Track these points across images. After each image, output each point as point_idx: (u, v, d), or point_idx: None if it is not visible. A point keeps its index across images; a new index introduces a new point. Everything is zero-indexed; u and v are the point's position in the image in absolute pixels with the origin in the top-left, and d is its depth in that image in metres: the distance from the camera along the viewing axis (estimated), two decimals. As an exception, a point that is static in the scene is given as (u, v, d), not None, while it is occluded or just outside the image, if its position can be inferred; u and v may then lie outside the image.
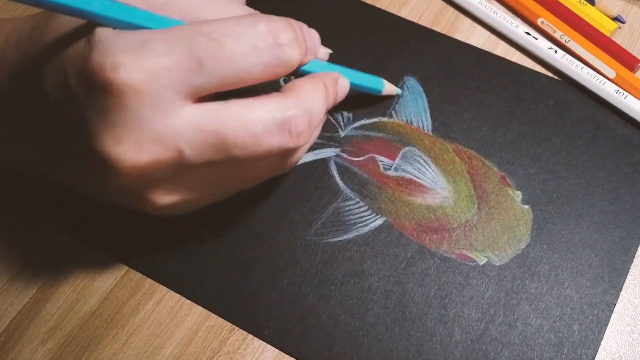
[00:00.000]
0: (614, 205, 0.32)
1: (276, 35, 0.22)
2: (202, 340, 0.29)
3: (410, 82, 0.36)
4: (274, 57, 0.22)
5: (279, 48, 0.22)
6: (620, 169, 0.32)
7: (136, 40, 0.21)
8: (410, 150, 0.34)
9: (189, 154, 0.22)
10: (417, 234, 0.31)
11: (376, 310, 0.30)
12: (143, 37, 0.21)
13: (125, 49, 0.20)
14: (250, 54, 0.21)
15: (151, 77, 0.20)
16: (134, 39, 0.21)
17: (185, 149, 0.21)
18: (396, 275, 0.30)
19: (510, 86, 0.35)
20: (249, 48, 0.21)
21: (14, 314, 0.30)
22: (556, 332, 0.29)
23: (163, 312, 0.30)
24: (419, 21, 0.38)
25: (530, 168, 0.33)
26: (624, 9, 0.38)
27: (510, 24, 0.37)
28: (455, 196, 0.32)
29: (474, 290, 0.30)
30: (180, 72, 0.21)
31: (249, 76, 0.22)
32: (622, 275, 0.30)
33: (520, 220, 0.31)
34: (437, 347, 0.29)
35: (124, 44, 0.20)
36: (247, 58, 0.21)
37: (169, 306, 0.30)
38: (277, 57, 0.22)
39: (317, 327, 0.29)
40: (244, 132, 0.22)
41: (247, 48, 0.21)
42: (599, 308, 0.29)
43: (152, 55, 0.20)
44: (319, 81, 0.25)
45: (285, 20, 0.23)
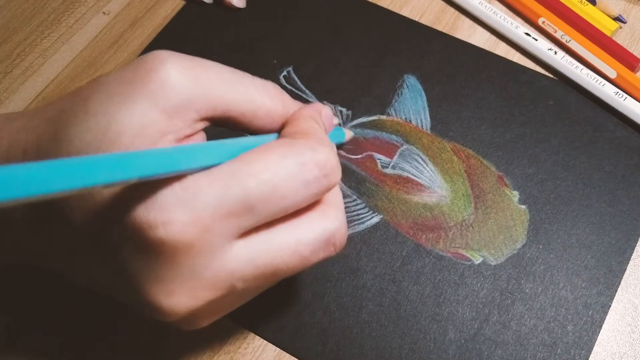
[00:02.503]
0: (611, 207, 0.31)
1: (322, 166, 0.22)
2: (202, 340, 0.29)
3: (409, 81, 0.36)
4: (322, 187, 0.22)
5: (326, 179, 0.22)
6: (617, 170, 0.32)
7: (185, 193, 0.20)
8: (408, 149, 0.34)
9: (241, 287, 0.21)
10: (413, 232, 0.31)
11: (371, 307, 0.30)
12: (192, 189, 0.20)
13: (175, 205, 0.19)
14: (301, 190, 0.21)
15: (204, 231, 0.20)
16: (182, 192, 0.20)
17: (238, 284, 0.21)
18: (391, 273, 0.30)
19: (510, 86, 0.35)
20: (300, 185, 0.21)
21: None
22: (550, 333, 0.29)
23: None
24: (420, 21, 0.38)
25: (528, 168, 0.33)
26: (625, 9, 0.38)
27: (510, 25, 0.37)
28: (452, 195, 0.32)
29: (469, 290, 0.30)
30: (232, 219, 0.20)
31: (298, 207, 0.22)
32: (617, 276, 0.30)
33: (516, 220, 0.31)
34: (431, 346, 0.29)
35: (172, 198, 0.19)
36: (298, 194, 0.21)
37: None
38: (323, 187, 0.22)
39: (312, 324, 0.29)
40: (295, 258, 0.22)
41: (299, 185, 0.21)
42: (593, 309, 0.29)
43: (203, 209, 0.20)
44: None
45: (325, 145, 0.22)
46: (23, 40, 0.39)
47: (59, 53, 0.38)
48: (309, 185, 0.21)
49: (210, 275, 0.21)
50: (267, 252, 0.21)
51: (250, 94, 0.23)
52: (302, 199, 0.21)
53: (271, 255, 0.21)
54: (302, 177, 0.21)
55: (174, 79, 0.21)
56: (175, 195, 0.20)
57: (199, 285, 0.21)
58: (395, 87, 0.36)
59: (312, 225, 0.22)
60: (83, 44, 0.39)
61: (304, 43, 0.38)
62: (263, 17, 0.39)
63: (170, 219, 0.19)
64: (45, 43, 0.39)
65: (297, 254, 0.22)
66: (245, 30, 0.39)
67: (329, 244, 0.23)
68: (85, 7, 0.40)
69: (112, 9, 0.40)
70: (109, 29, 0.39)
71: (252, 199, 0.20)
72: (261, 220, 0.21)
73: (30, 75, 0.37)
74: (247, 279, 0.21)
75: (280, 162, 0.21)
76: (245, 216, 0.20)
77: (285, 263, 0.22)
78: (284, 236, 0.22)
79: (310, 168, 0.21)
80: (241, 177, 0.20)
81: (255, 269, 0.21)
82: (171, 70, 0.21)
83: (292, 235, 0.22)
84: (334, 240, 0.23)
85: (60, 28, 0.39)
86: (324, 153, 0.22)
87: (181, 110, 0.21)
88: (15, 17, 0.40)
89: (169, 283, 0.20)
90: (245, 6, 0.39)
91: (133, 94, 0.21)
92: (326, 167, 0.22)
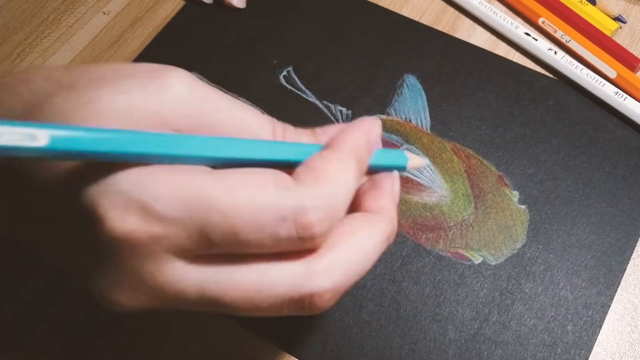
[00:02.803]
0: (611, 207, 0.31)
1: (304, 225, 0.19)
2: (202, 340, 0.29)
3: (409, 80, 0.36)
4: (294, 244, 0.19)
5: (302, 236, 0.19)
6: (617, 170, 0.32)
7: (146, 196, 0.18)
8: (408, 149, 0.34)
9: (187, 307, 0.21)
10: (413, 232, 0.31)
11: (371, 307, 0.30)
12: (153, 193, 0.19)
13: (133, 205, 0.18)
14: (268, 241, 0.19)
15: (155, 240, 0.19)
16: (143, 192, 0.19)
17: (183, 305, 0.20)
18: (391, 273, 0.30)
19: (510, 86, 0.35)
20: (268, 238, 0.19)
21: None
22: (550, 333, 0.29)
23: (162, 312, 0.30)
24: (420, 21, 0.38)
25: (528, 168, 0.33)
26: (625, 9, 0.38)
27: (510, 25, 0.37)
28: (452, 195, 0.32)
29: (469, 289, 0.30)
30: (187, 243, 0.19)
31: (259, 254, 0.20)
32: (617, 276, 0.30)
33: (516, 220, 0.31)
34: (431, 346, 0.29)
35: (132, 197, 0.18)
36: (263, 245, 0.19)
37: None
38: (297, 244, 0.19)
39: (311, 324, 0.29)
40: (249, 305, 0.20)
41: (266, 238, 0.19)
42: (593, 309, 0.29)
43: (158, 221, 0.19)
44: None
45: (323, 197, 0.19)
46: (23, 40, 0.39)
47: (59, 53, 0.38)
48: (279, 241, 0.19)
49: (152, 286, 0.20)
50: (219, 285, 0.20)
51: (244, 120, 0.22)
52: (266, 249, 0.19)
53: (222, 290, 0.20)
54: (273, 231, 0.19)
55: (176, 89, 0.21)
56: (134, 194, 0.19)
57: (139, 290, 0.20)
58: (395, 87, 0.36)
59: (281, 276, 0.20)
60: (83, 44, 0.39)
61: (304, 43, 0.38)
62: (263, 17, 0.39)
63: (124, 216, 0.18)
64: (45, 43, 0.39)
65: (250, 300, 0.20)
66: (245, 30, 0.39)
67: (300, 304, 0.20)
68: (85, 7, 0.40)
69: (112, 9, 0.40)
70: (109, 29, 0.39)
71: (212, 235, 0.19)
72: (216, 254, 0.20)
73: (30, 75, 0.37)
74: (192, 302, 0.20)
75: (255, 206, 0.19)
76: (201, 246, 0.19)
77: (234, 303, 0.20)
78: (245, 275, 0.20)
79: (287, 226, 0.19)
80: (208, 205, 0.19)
81: (201, 298, 0.20)
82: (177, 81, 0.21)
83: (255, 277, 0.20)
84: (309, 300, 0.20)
85: (60, 28, 0.39)
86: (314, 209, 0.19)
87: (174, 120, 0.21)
88: (15, 17, 0.40)
89: (112, 277, 0.20)
90: (245, 6, 0.39)
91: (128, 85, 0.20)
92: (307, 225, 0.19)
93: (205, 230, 0.19)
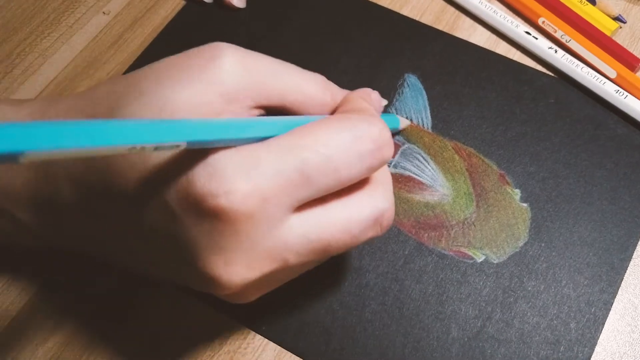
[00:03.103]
0: (613, 205, 0.31)
1: (375, 139, 0.22)
2: (203, 339, 0.29)
3: (410, 80, 0.36)
4: (376, 160, 0.22)
5: (379, 151, 0.22)
6: (619, 168, 0.32)
7: (244, 163, 0.20)
8: (409, 148, 0.34)
9: (294, 261, 0.22)
10: (415, 231, 0.31)
11: (373, 306, 0.30)
12: (250, 158, 0.20)
13: (235, 174, 0.20)
14: (356, 163, 0.22)
15: (264, 200, 0.20)
16: (241, 161, 0.20)
17: (291, 258, 0.22)
18: (394, 272, 0.30)
19: (511, 85, 0.35)
20: (355, 158, 0.21)
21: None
22: (553, 330, 0.29)
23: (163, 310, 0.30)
24: (420, 20, 0.38)
25: (530, 166, 0.33)
26: (625, 9, 0.38)
27: (510, 24, 0.37)
28: (454, 194, 0.32)
29: (472, 288, 0.30)
30: (290, 189, 0.20)
31: (353, 180, 0.22)
32: (619, 274, 0.30)
33: (518, 218, 0.31)
34: (434, 344, 0.29)
35: (232, 167, 0.20)
36: (352, 167, 0.22)
37: (168, 305, 0.30)
38: (378, 160, 0.22)
39: (314, 323, 0.29)
40: (346, 235, 0.22)
41: (353, 158, 0.21)
42: (596, 306, 0.29)
43: (263, 178, 0.20)
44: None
45: (377, 119, 0.23)
46: (23, 40, 0.39)
47: (59, 53, 0.38)
48: (364, 159, 0.22)
49: (268, 246, 0.21)
50: (320, 227, 0.22)
51: (300, 85, 0.24)
52: (356, 172, 0.22)
53: (323, 231, 0.22)
54: (357, 149, 0.21)
55: (230, 67, 0.22)
56: (235, 165, 0.20)
57: (256, 256, 0.21)
58: (396, 87, 0.36)
59: (362, 204, 0.23)
60: (83, 44, 0.38)
61: (304, 43, 0.38)
62: (263, 17, 0.39)
63: (232, 188, 0.19)
64: (45, 43, 0.38)
65: (347, 232, 0.22)
66: (245, 30, 0.39)
67: (377, 224, 0.23)
68: (85, 7, 0.40)
69: (112, 9, 0.40)
70: (109, 29, 0.39)
71: (309, 170, 0.21)
72: (316, 193, 0.21)
73: (30, 75, 0.37)
74: (300, 252, 0.21)
75: (335, 135, 0.21)
76: (302, 187, 0.21)
77: (335, 239, 0.22)
78: (336, 213, 0.22)
79: (365, 141, 0.22)
80: (298, 149, 0.21)
81: (309, 243, 0.21)
82: (227, 59, 0.22)
83: (343, 213, 0.22)
84: (382, 220, 0.23)
85: (60, 28, 0.39)
86: (378, 127, 0.22)
87: (238, 96, 0.22)
88: (15, 17, 0.39)
89: (227, 252, 0.20)
90: (245, 6, 0.39)
91: (190, 78, 0.22)
92: (380, 140, 0.22)
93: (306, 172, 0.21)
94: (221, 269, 0.21)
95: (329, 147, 0.21)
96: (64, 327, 0.30)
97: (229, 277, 0.21)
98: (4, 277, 0.31)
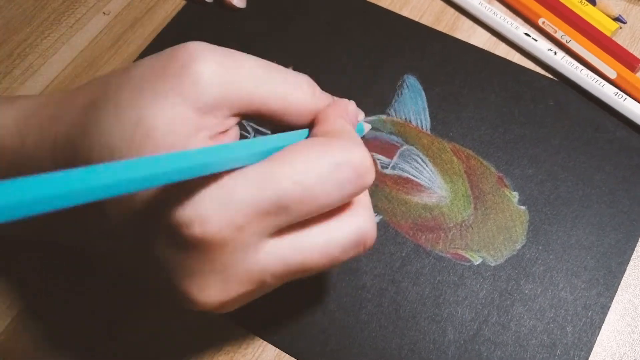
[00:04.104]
0: (611, 208, 0.31)
1: (356, 167, 0.22)
2: (203, 340, 0.30)
3: (409, 80, 0.36)
4: (356, 188, 0.22)
5: (360, 179, 0.22)
6: (618, 171, 0.32)
7: (221, 193, 0.20)
8: (408, 149, 0.34)
9: (271, 282, 0.22)
10: (413, 232, 0.31)
11: (370, 308, 0.30)
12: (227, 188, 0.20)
13: (212, 204, 0.20)
14: (336, 191, 0.21)
15: (238, 230, 0.20)
16: (218, 191, 0.20)
17: (268, 279, 0.22)
18: (391, 274, 0.30)
19: (510, 87, 0.35)
20: (334, 186, 0.21)
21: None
22: (549, 334, 0.29)
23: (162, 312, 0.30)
24: (420, 21, 0.38)
25: (528, 169, 0.33)
26: (625, 9, 0.37)
27: (509, 25, 0.36)
28: (452, 196, 0.32)
29: (468, 290, 0.30)
30: (266, 218, 0.20)
31: (332, 207, 0.22)
32: (617, 277, 0.30)
33: (516, 221, 0.31)
34: (430, 346, 0.29)
35: (209, 198, 0.20)
36: (332, 195, 0.21)
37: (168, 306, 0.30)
38: (358, 187, 0.22)
39: (311, 324, 0.29)
40: (325, 258, 0.22)
41: (332, 187, 0.21)
42: (593, 310, 0.29)
43: (238, 208, 0.20)
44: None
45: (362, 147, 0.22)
46: (23, 40, 0.39)
47: (59, 53, 0.38)
48: (344, 187, 0.21)
49: (242, 271, 0.21)
50: (298, 250, 0.21)
51: (282, 91, 0.24)
52: (336, 200, 0.21)
53: (301, 254, 0.22)
54: (336, 178, 0.21)
55: (206, 76, 0.21)
56: (211, 195, 0.20)
57: (231, 280, 0.21)
58: (395, 87, 0.36)
59: (343, 226, 0.22)
60: (83, 44, 0.39)
61: (304, 43, 0.38)
62: (263, 17, 0.39)
63: (206, 217, 0.20)
64: (46, 43, 0.39)
65: (326, 254, 0.22)
66: (245, 30, 0.39)
67: (359, 244, 0.23)
68: (85, 7, 0.40)
69: (112, 9, 0.40)
70: (109, 29, 0.39)
71: (286, 199, 0.20)
72: (294, 220, 0.21)
73: (30, 76, 0.37)
74: (277, 275, 0.22)
75: (314, 163, 0.21)
76: (279, 216, 0.21)
77: (314, 262, 0.22)
78: (316, 236, 0.22)
79: (345, 169, 0.21)
80: (276, 178, 0.20)
81: (286, 266, 0.21)
82: (204, 66, 0.21)
83: (323, 236, 0.22)
84: (364, 241, 0.23)
85: (60, 28, 0.39)
86: (359, 154, 0.22)
87: (215, 107, 0.22)
88: (15, 17, 0.40)
89: (202, 278, 0.21)
90: (245, 6, 0.39)
91: (165, 89, 0.21)
92: (361, 168, 0.22)
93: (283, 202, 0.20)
94: (196, 292, 0.21)
95: (307, 176, 0.21)
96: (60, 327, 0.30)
97: (204, 299, 0.21)
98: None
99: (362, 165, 0.22)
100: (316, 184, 0.21)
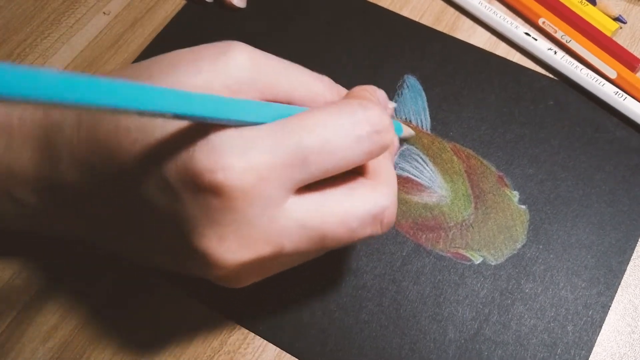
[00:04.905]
0: (611, 207, 0.31)
1: (374, 122, 0.22)
2: (203, 339, 0.29)
3: (409, 81, 0.36)
4: (374, 144, 0.22)
5: (378, 135, 0.22)
6: (618, 171, 0.32)
7: (243, 141, 0.20)
8: (408, 149, 0.34)
9: (289, 248, 0.22)
10: (413, 232, 0.31)
11: (370, 307, 0.30)
12: (249, 137, 0.21)
13: (233, 151, 0.20)
14: (353, 145, 0.22)
15: (260, 178, 0.20)
16: (240, 139, 0.20)
17: (286, 244, 0.22)
18: (391, 273, 0.30)
19: (510, 86, 0.35)
20: (352, 140, 0.22)
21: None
22: (550, 333, 0.29)
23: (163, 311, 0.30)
24: (420, 21, 0.38)
25: (528, 168, 0.33)
26: (625, 9, 0.38)
27: (510, 25, 0.37)
28: (452, 195, 0.32)
29: (469, 290, 0.30)
30: (287, 169, 0.21)
31: (350, 164, 0.22)
32: (617, 277, 0.30)
33: (516, 220, 0.31)
34: (431, 346, 0.29)
35: (230, 145, 0.20)
36: (350, 149, 0.22)
37: (169, 305, 0.30)
38: (376, 144, 0.22)
39: (311, 324, 0.29)
40: (342, 228, 0.22)
41: (350, 140, 0.22)
42: (593, 309, 0.29)
43: (260, 156, 0.20)
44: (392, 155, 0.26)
45: (377, 105, 0.23)
46: (23, 40, 0.39)
47: (59, 53, 0.38)
48: (362, 142, 0.22)
49: (263, 227, 0.21)
50: (317, 215, 0.22)
51: (307, 83, 0.25)
52: (355, 156, 0.22)
53: (321, 219, 0.22)
54: (355, 133, 0.22)
55: (239, 62, 0.22)
56: (233, 142, 0.20)
57: (251, 234, 0.21)
58: (395, 88, 0.36)
59: (363, 198, 0.23)
60: (83, 44, 0.39)
61: (304, 43, 0.38)
62: (263, 17, 0.39)
63: (229, 164, 0.20)
64: (46, 43, 0.39)
65: (345, 224, 0.22)
66: (245, 30, 0.39)
67: (377, 221, 0.23)
68: (85, 7, 0.40)
69: (112, 9, 0.40)
70: (109, 29, 0.39)
71: (306, 151, 0.21)
72: (314, 176, 0.21)
73: (30, 76, 0.37)
74: (295, 239, 0.22)
75: (334, 119, 0.22)
76: (299, 169, 0.21)
77: (332, 230, 0.22)
78: (336, 203, 0.22)
79: (363, 125, 0.22)
80: (295, 130, 0.21)
81: (305, 230, 0.22)
82: (238, 54, 0.23)
83: (343, 204, 0.22)
84: (382, 217, 0.23)
85: (60, 28, 0.39)
86: (376, 111, 0.22)
87: (244, 88, 0.22)
88: (15, 17, 0.40)
89: (222, 227, 0.21)
90: (245, 6, 0.39)
91: (199, 67, 0.22)
92: (379, 124, 0.22)
93: (303, 153, 0.21)
94: (215, 243, 0.21)
95: (326, 129, 0.21)
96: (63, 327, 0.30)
97: (222, 254, 0.21)
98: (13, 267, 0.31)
99: (380, 123, 0.22)
100: (334, 137, 0.21)
